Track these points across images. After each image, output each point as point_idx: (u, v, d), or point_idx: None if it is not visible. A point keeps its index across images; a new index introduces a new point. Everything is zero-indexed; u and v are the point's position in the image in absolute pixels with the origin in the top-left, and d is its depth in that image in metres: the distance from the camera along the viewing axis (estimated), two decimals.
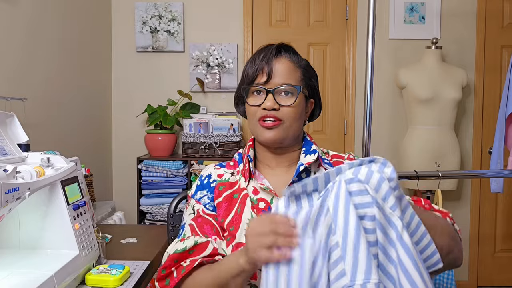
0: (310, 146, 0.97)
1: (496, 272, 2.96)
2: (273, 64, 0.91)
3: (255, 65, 0.93)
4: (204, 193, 0.98)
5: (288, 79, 0.91)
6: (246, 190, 0.94)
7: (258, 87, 0.92)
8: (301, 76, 0.94)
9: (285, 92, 0.91)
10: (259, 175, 0.98)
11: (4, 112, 1.08)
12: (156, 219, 2.64)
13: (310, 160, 0.93)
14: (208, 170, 1.01)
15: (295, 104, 0.91)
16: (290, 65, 0.93)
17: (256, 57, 0.94)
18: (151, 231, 1.55)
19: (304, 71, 0.95)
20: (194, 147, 2.66)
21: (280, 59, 0.93)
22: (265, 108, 0.90)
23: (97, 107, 2.76)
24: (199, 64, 2.90)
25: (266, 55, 0.92)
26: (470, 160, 2.93)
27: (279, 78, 0.91)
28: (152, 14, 2.89)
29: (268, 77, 0.91)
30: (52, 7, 2.17)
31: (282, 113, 0.90)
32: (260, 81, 0.92)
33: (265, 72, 0.91)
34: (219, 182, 0.98)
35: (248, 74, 0.94)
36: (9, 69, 1.83)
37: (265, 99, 0.91)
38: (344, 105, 2.95)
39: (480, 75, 2.88)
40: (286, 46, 0.95)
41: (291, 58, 0.94)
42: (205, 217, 0.94)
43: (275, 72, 0.91)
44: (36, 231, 1.04)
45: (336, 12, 2.92)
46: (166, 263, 0.89)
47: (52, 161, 1.04)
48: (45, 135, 2.10)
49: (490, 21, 2.86)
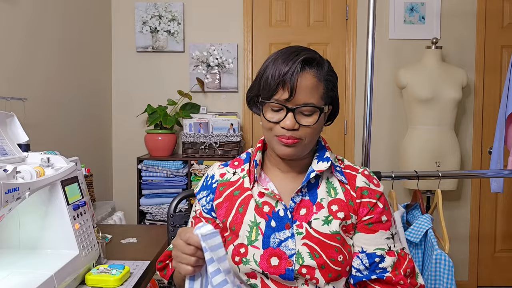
0: (324, 152, 0.96)
1: (496, 272, 2.96)
2: (296, 80, 0.84)
3: (277, 77, 0.85)
4: (204, 194, 0.99)
5: (310, 97, 0.86)
6: (251, 191, 0.93)
7: (278, 105, 0.86)
8: (323, 91, 0.88)
9: (307, 113, 0.86)
10: (265, 177, 0.97)
11: (4, 112, 1.08)
12: (156, 219, 2.64)
13: (322, 168, 0.92)
14: (213, 170, 1.02)
15: (315, 125, 0.87)
16: (314, 81, 0.86)
17: (280, 67, 0.86)
18: (151, 231, 1.55)
19: (327, 83, 0.89)
20: (194, 147, 2.66)
21: (304, 74, 0.85)
22: (283, 127, 0.86)
23: (97, 107, 2.76)
24: (199, 64, 2.90)
25: (290, 69, 0.84)
26: (470, 160, 2.93)
27: (301, 96, 0.85)
28: (152, 14, 2.89)
29: (291, 94, 0.84)
30: (52, 7, 2.17)
31: (301, 132, 0.87)
32: (281, 98, 0.85)
33: (287, 88, 0.84)
34: (220, 183, 0.98)
35: (269, 84, 0.86)
36: (9, 69, 1.83)
37: (285, 117, 0.86)
38: (344, 105, 2.95)
39: (480, 75, 2.88)
40: (311, 58, 0.87)
41: (315, 72, 0.87)
42: (201, 219, 0.97)
43: (298, 89, 0.84)
44: (36, 231, 1.04)
45: (336, 12, 2.92)
46: (161, 257, 0.99)
47: (52, 161, 1.04)
48: (45, 135, 2.10)
49: (490, 21, 2.86)
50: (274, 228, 0.89)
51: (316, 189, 0.93)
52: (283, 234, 0.88)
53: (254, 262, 0.86)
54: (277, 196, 0.91)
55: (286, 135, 0.87)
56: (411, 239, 1.55)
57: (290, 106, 0.85)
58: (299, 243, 0.87)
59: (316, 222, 0.88)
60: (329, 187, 0.93)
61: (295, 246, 0.86)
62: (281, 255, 0.86)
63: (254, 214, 0.90)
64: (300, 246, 0.86)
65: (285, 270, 0.85)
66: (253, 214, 0.90)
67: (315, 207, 0.90)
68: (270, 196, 0.91)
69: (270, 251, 0.86)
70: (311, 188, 0.93)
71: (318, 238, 0.87)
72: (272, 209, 0.90)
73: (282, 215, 0.90)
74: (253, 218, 0.90)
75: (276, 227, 0.89)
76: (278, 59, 0.87)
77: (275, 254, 0.86)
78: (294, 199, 0.91)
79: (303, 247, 0.86)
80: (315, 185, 0.94)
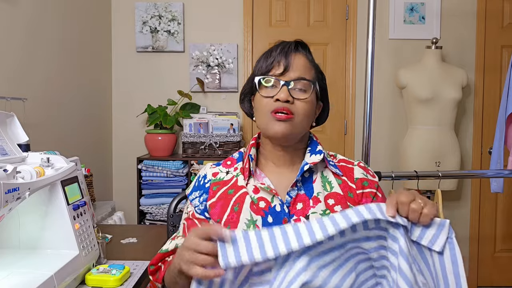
0: (316, 146, 0.97)
1: (496, 272, 2.96)
2: (290, 58, 0.91)
3: (271, 57, 0.92)
4: (197, 195, 0.98)
5: (303, 73, 0.91)
6: (246, 188, 0.93)
7: (273, 79, 0.91)
8: (315, 74, 0.95)
9: (300, 87, 0.91)
10: (260, 173, 0.97)
11: (4, 112, 1.08)
12: (156, 219, 2.64)
13: (315, 160, 0.93)
14: (205, 170, 1.01)
15: (308, 100, 0.91)
16: (306, 62, 0.93)
17: (273, 50, 0.93)
18: (151, 231, 1.55)
19: (317, 70, 0.96)
20: (194, 147, 2.66)
21: (297, 54, 0.93)
22: (278, 99, 0.89)
23: (97, 107, 2.76)
24: (199, 64, 2.90)
25: (284, 48, 0.92)
26: (470, 160, 2.93)
27: (295, 72, 0.91)
28: (152, 14, 2.89)
29: (285, 70, 0.90)
30: (52, 7, 2.17)
31: (295, 107, 0.90)
32: (275, 73, 0.91)
33: (282, 64, 0.91)
34: (213, 182, 0.97)
35: (262, 66, 0.93)
36: (9, 69, 1.83)
37: (279, 91, 0.89)
38: (344, 105, 2.95)
39: (480, 75, 2.88)
40: (303, 43, 0.96)
41: (307, 56, 0.94)
42: (194, 220, 0.96)
43: (292, 66, 0.90)
44: (36, 231, 1.04)
45: (336, 12, 2.92)
46: (154, 260, 0.94)
47: (52, 161, 1.04)
48: (45, 135, 2.10)
49: (490, 21, 2.86)
50: (271, 224, 0.88)
51: (311, 183, 0.94)
52: None
53: None
54: (274, 191, 0.91)
55: (280, 107, 0.89)
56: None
57: (284, 79, 0.90)
58: None
59: (314, 216, 0.88)
60: (324, 181, 0.94)
61: None
62: None
63: (250, 212, 0.89)
64: None
65: None
66: (249, 212, 0.89)
67: (312, 201, 0.90)
68: (266, 190, 0.91)
69: None
70: (306, 182, 0.94)
71: None
72: (268, 205, 0.90)
73: (279, 210, 0.89)
74: (250, 216, 0.89)
75: (273, 222, 0.88)
76: (272, 48, 0.95)
77: None
78: (290, 193, 0.91)
79: None
80: (309, 179, 0.94)
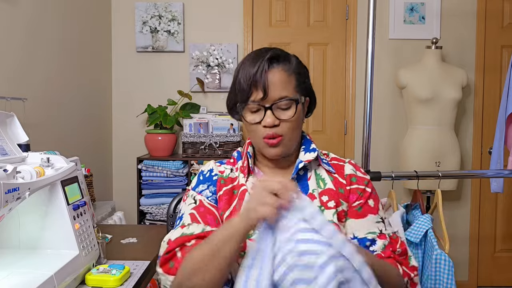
0: (310, 144, 0.98)
1: (496, 272, 2.96)
2: (267, 78, 0.87)
3: (249, 79, 0.88)
4: (205, 187, 0.97)
5: (284, 90, 0.89)
6: (245, 186, 0.94)
7: (255, 104, 0.89)
8: (295, 83, 0.91)
9: (283, 106, 0.89)
10: (259, 171, 0.98)
11: (4, 112, 1.08)
12: (156, 219, 2.63)
13: (310, 158, 0.94)
14: (209, 165, 1.01)
15: (294, 117, 0.90)
16: (283, 75, 0.89)
17: (249, 69, 0.89)
18: (151, 231, 1.55)
19: (297, 75, 0.92)
20: (194, 147, 2.66)
21: (273, 71, 0.89)
22: (265, 125, 0.89)
23: (97, 107, 2.76)
24: (199, 64, 2.90)
25: (259, 68, 0.88)
26: (470, 160, 2.93)
27: (275, 91, 0.88)
28: (152, 14, 2.89)
29: (264, 93, 0.87)
30: (52, 7, 2.17)
31: (282, 128, 0.90)
32: (256, 98, 0.89)
33: (259, 87, 0.88)
34: (220, 177, 0.98)
35: (243, 88, 0.89)
36: (9, 69, 1.83)
37: (264, 115, 0.89)
38: (344, 105, 2.95)
39: (480, 75, 2.88)
40: (276, 55, 0.91)
41: (284, 66, 0.90)
42: (209, 207, 0.93)
43: (270, 86, 0.87)
44: (36, 231, 1.04)
45: (336, 12, 2.92)
46: (171, 247, 0.86)
47: (52, 161, 1.04)
48: (45, 135, 2.09)
49: (490, 21, 2.86)
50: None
51: (306, 180, 0.95)
52: None
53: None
54: None
55: (269, 133, 0.89)
56: (411, 239, 1.55)
57: (266, 104, 0.89)
58: None
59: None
60: (318, 179, 0.96)
61: None
62: None
63: None
64: None
65: None
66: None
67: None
68: None
69: None
70: (301, 179, 0.95)
71: None
72: None
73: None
74: None
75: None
76: (246, 62, 0.91)
77: None
78: None
79: None
80: (304, 177, 0.96)
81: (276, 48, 0.93)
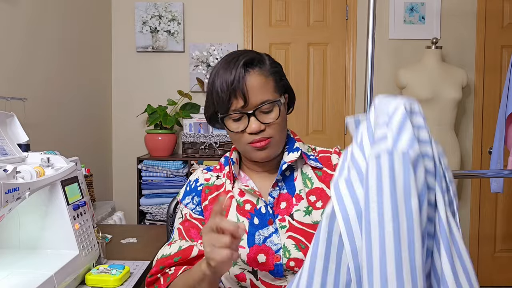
0: (293, 144, 0.96)
1: (496, 272, 2.96)
2: (245, 84, 0.85)
3: (227, 89, 0.85)
4: (190, 198, 0.98)
5: (264, 94, 0.86)
6: (232, 192, 0.94)
7: (237, 113, 0.87)
8: (274, 84, 0.89)
9: (266, 110, 0.87)
10: (245, 176, 0.98)
11: (4, 112, 1.08)
12: (156, 219, 2.63)
13: (293, 158, 0.93)
14: (196, 174, 1.02)
15: (279, 119, 0.88)
16: (261, 79, 0.87)
17: (224, 76, 0.86)
18: (151, 231, 1.55)
19: (274, 75, 0.90)
20: (194, 147, 2.66)
21: (249, 76, 0.86)
22: (251, 132, 0.87)
23: (97, 107, 2.76)
24: (199, 64, 2.90)
25: (235, 77, 0.85)
26: (470, 160, 2.93)
27: (255, 97, 0.85)
28: (152, 14, 2.89)
29: (245, 100, 0.85)
30: (52, 7, 2.17)
31: (269, 131, 0.88)
32: (237, 107, 0.86)
33: (239, 95, 0.85)
34: (205, 186, 0.98)
35: (221, 98, 0.86)
36: (9, 69, 1.83)
37: (248, 122, 0.87)
38: (344, 105, 2.95)
39: (480, 75, 2.88)
40: (250, 58, 0.88)
41: (260, 70, 0.88)
42: (192, 221, 0.94)
43: (250, 92, 0.85)
44: (36, 231, 1.04)
45: (336, 12, 2.92)
46: (153, 270, 0.90)
47: (52, 161, 1.04)
48: (45, 135, 2.09)
49: (490, 21, 2.86)
50: (257, 225, 0.89)
51: (293, 181, 0.94)
52: (267, 231, 0.88)
53: (242, 261, 0.86)
54: (257, 193, 0.91)
55: (256, 138, 0.87)
56: None
57: (249, 111, 0.86)
58: (283, 236, 0.86)
59: (298, 214, 0.89)
60: (304, 178, 0.94)
61: (280, 240, 0.86)
62: (268, 251, 0.86)
63: (236, 214, 0.91)
64: (285, 239, 0.86)
65: (273, 265, 0.85)
66: (235, 214, 0.91)
67: (295, 199, 0.91)
68: (251, 193, 0.92)
69: (256, 249, 0.86)
70: (287, 180, 0.94)
71: (302, 229, 0.87)
72: (254, 207, 0.91)
73: (264, 212, 0.90)
74: (236, 218, 0.90)
75: (259, 224, 0.89)
76: (220, 71, 0.88)
77: (261, 251, 0.86)
78: (271, 194, 0.91)
79: (288, 240, 0.86)
80: (291, 177, 0.94)
81: (247, 51, 0.91)
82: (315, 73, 2.94)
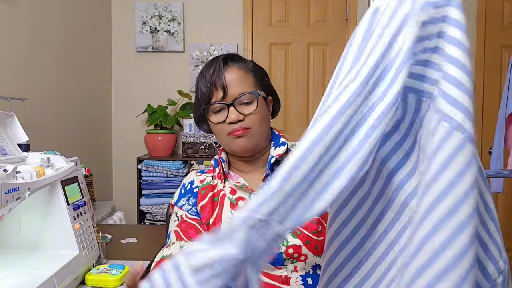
0: (279, 139, 0.98)
1: None
2: (224, 77, 0.91)
3: (207, 82, 0.92)
4: (185, 200, 0.98)
5: (243, 87, 0.91)
6: (223, 191, 0.95)
7: (217, 104, 0.91)
8: (254, 80, 0.94)
9: (245, 101, 0.91)
10: (235, 174, 0.99)
11: (4, 112, 1.08)
12: (156, 219, 2.64)
13: (280, 152, 0.94)
14: (190, 177, 1.02)
15: (258, 110, 0.91)
16: (240, 73, 0.93)
17: (206, 73, 0.93)
18: (151, 231, 1.55)
19: (254, 73, 0.95)
20: (194, 147, 2.66)
21: (229, 69, 0.92)
22: (231, 122, 0.90)
23: (97, 107, 2.76)
24: (199, 64, 2.90)
25: (215, 70, 0.92)
26: None
27: (234, 89, 0.91)
28: (152, 14, 2.89)
29: (224, 92, 0.90)
30: (52, 7, 2.17)
31: (248, 121, 0.91)
32: (217, 98, 0.91)
33: (219, 87, 0.91)
34: (201, 187, 0.98)
35: (203, 92, 0.93)
36: (9, 69, 1.83)
37: (228, 112, 0.91)
38: None
39: (480, 75, 2.88)
40: (231, 55, 0.96)
41: (239, 65, 0.94)
42: (189, 221, 0.95)
43: (229, 84, 0.90)
44: (36, 231, 1.04)
45: (336, 12, 2.92)
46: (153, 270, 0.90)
47: (52, 161, 1.04)
48: (45, 135, 2.09)
49: (490, 21, 2.86)
50: None
51: None
52: None
53: None
54: (249, 188, 0.92)
55: (235, 128, 0.90)
56: None
57: (227, 101, 0.91)
58: None
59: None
60: None
61: None
62: None
63: (230, 210, 0.92)
64: None
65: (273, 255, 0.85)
66: (229, 210, 0.92)
67: None
68: (243, 189, 0.93)
69: None
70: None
71: None
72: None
73: None
74: (230, 214, 0.91)
75: None
76: (203, 70, 0.95)
77: None
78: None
79: None
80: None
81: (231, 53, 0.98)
82: (315, 73, 2.94)
